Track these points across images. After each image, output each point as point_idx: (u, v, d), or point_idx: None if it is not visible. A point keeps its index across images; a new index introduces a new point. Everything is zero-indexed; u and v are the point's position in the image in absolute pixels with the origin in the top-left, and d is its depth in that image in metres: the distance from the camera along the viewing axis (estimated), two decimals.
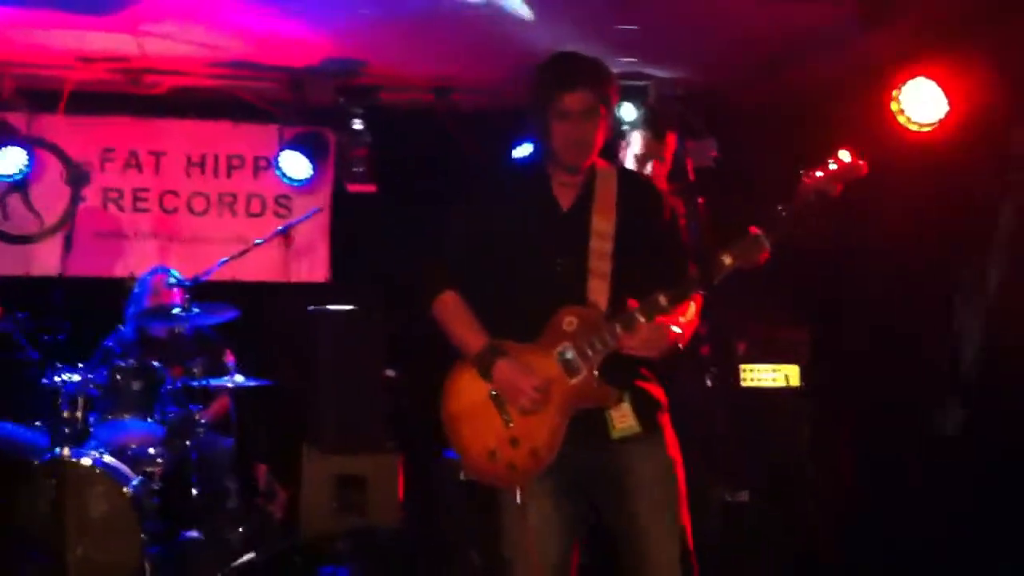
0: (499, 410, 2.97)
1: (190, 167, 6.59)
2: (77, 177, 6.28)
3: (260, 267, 6.38)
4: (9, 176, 6.01)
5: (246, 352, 5.65)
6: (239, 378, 5.30)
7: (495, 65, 5.96)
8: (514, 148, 6.50)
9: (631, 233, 3.04)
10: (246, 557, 5.06)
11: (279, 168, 6.33)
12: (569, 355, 2.93)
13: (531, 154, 3.36)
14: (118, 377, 4.95)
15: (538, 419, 2.92)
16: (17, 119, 6.08)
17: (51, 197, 6.34)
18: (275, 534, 5.59)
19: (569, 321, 2.94)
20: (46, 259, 6.26)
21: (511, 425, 2.94)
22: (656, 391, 3.09)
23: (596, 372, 2.92)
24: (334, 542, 5.37)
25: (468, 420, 3.04)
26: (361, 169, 6.43)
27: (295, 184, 6.42)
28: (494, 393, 2.97)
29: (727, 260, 2.86)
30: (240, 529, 5.26)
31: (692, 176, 5.22)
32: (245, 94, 6.38)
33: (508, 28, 5.28)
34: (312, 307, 5.96)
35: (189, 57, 5.91)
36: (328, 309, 5.94)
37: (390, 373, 5.88)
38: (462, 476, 5.29)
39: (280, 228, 6.01)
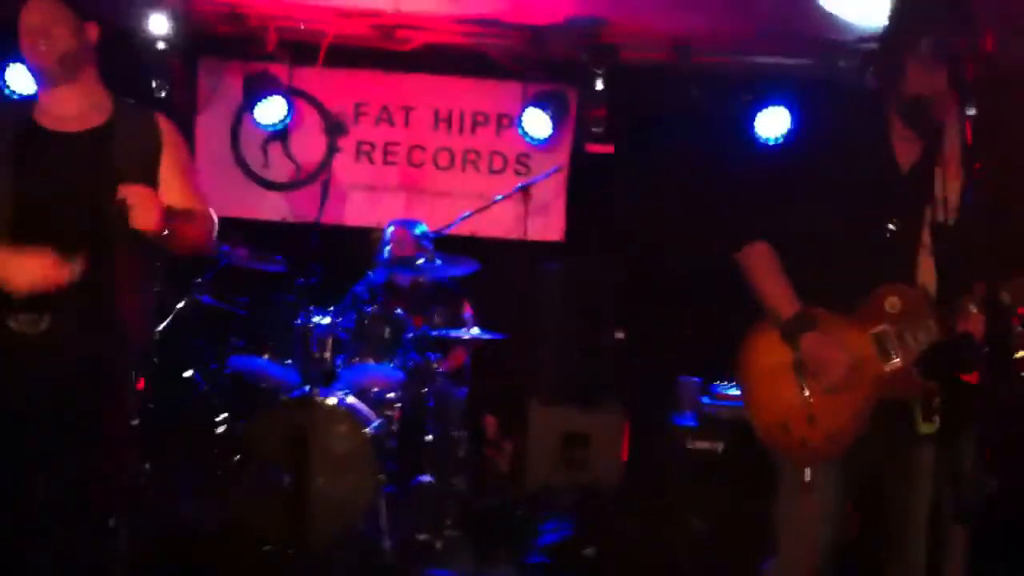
0: (800, 382, 2.79)
1: (437, 122, 6.79)
2: (335, 128, 6.56)
3: (498, 223, 6.52)
4: (271, 125, 6.35)
5: (482, 305, 5.81)
6: (475, 330, 5.45)
7: (737, 25, 5.83)
8: (756, 111, 6.38)
9: (978, 204, 2.73)
10: None
11: (522, 127, 6.43)
12: (887, 338, 2.74)
13: (865, 93, 2.99)
14: (364, 322, 5.17)
15: (841, 400, 2.75)
16: (279, 70, 6.38)
17: (309, 147, 6.68)
18: (500, 484, 5.77)
19: (892, 302, 2.74)
20: (303, 206, 6.62)
21: (811, 401, 2.77)
22: (967, 391, 2.75)
23: (912, 361, 2.72)
24: (557, 496, 5.45)
25: (765, 384, 2.88)
26: (600, 129, 6.42)
27: (536, 143, 6.51)
28: (798, 364, 2.79)
29: None
30: (468, 477, 5.45)
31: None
32: (491, 51, 6.48)
33: None
34: (546, 263, 6.06)
35: (438, 14, 6.07)
36: (561, 266, 6.03)
37: (619, 335, 5.91)
38: (689, 444, 5.32)
39: (519, 185, 6.09)
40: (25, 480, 3.02)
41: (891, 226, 2.76)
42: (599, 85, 6.32)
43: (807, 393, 2.78)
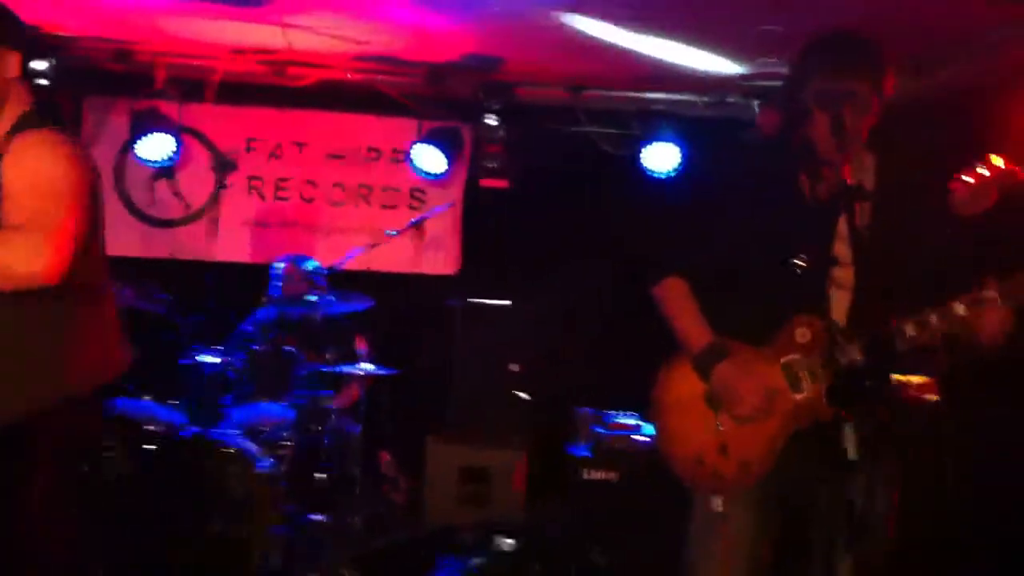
0: (712, 413, 2.81)
1: (329, 158, 6.75)
2: (223, 164, 6.49)
3: (392, 258, 6.48)
4: (157, 161, 6.21)
5: (377, 341, 5.76)
6: (369, 366, 5.39)
7: (631, 66, 5.92)
8: (644, 147, 6.48)
9: (888, 236, 2.80)
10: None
11: (413, 161, 6.42)
12: (797, 368, 2.75)
13: (770, 137, 3.08)
14: (255, 361, 5.09)
15: (753, 430, 2.75)
16: (168, 107, 6.26)
17: (197, 183, 6.58)
18: (398, 522, 5.68)
19: (802, 332, 2.76)
20: (190, 243, 6.50)
21: (722, 431, 2.79)
22: (883, 415, 2.82)
23: (823, 391, 2.73)
24: (456, 533, 5.39)
25: (677, 416, 2.89)
26: (495, 164, 6.46)
27: (430, 177, 6.51)
28: (710, 394, 2.81)
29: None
30: (364, 515, 5.36)
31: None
32: (386, 88, 6.47)
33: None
34: (448, 300, 6.05)
35: (333, 51, 6.04)
36: (459, 302, 6.02)
37: (514, 368, 5.90)
38: (584, 475, 5.32)
39: (413, 220, 6.08)
40: None
41: (799, 261, 2.76)
42: (492, 121, 6.37)
43: (719, 423, 2.80)
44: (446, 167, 6.43)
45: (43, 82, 5.80)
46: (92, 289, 2.93)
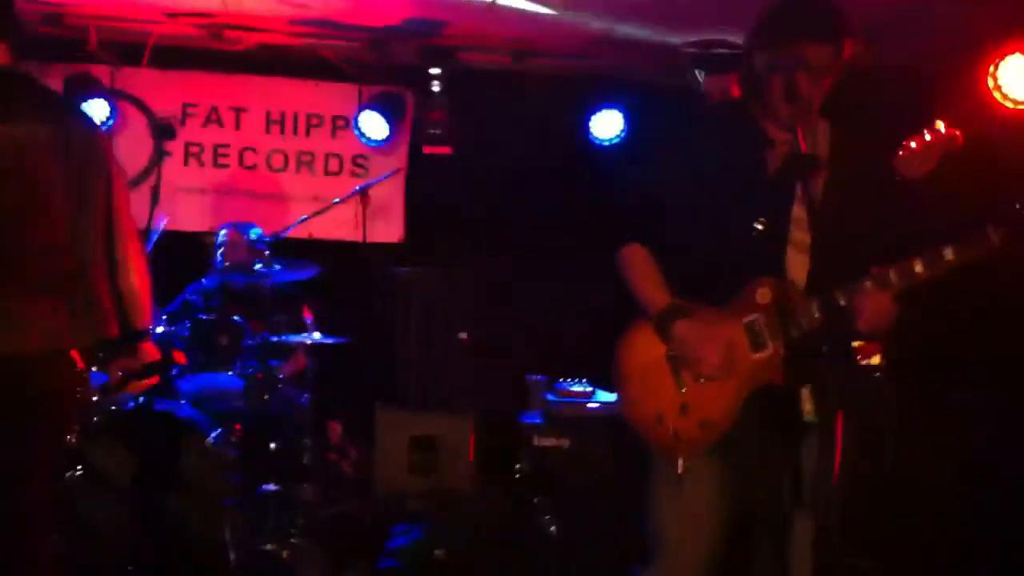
0: (673, 373, 2.84)
1: (270, 124, 6.65)
2: (161, 130, 6.32)
3: (337, 226, 6.40)
4: None
5: (324, 310, 5.69)
6: (316, 335, 5.33)
7: (574, 30, 5.91)
8: (591, 114, 6.49)
9: (842, 197, 2.84)
10: None
11: (358, 128, 6.35)
12: (758, 328, 2.78)
13: (730, 102, 3.15)
14: (201, 330, 5.00)
15: (714, 389, 2.78)
16: (101, 71, 6.12)
17: (134, 150, 6.36)
18: (348, 491, 5.66)
19: (763, 293, 2.79)
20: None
21: (683, 391, 2.82)
22: (836, 378, 2.84)
23: (783, 350, 2.76)
24: (406, 501, 5.38)
25: (639, 378, 2.91)
26: (438, 131, 6.40)
27: (372, 144, 6.44)
28: (671, 355, 2.84)
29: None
30: (314, 485, 5.32)
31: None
32: (326, 53, 6.37)
33: None
34: (393, 267, 6.01)
35: (272, 15, 5.91)
36: (407, 270, 5.99)
37: (463, 336, 5.90)
38: (535, 441, 5.34)
39: (358, 187, 6.00)
40: None
41: (757, 225, 2.81)
42: (437, 87, 6.31)
43: (680, 383, 2.83)
44: (388, 134, 6.36)
45: None
46: None
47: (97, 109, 5.97)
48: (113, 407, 4.65)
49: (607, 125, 6.46)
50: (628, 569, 3.04)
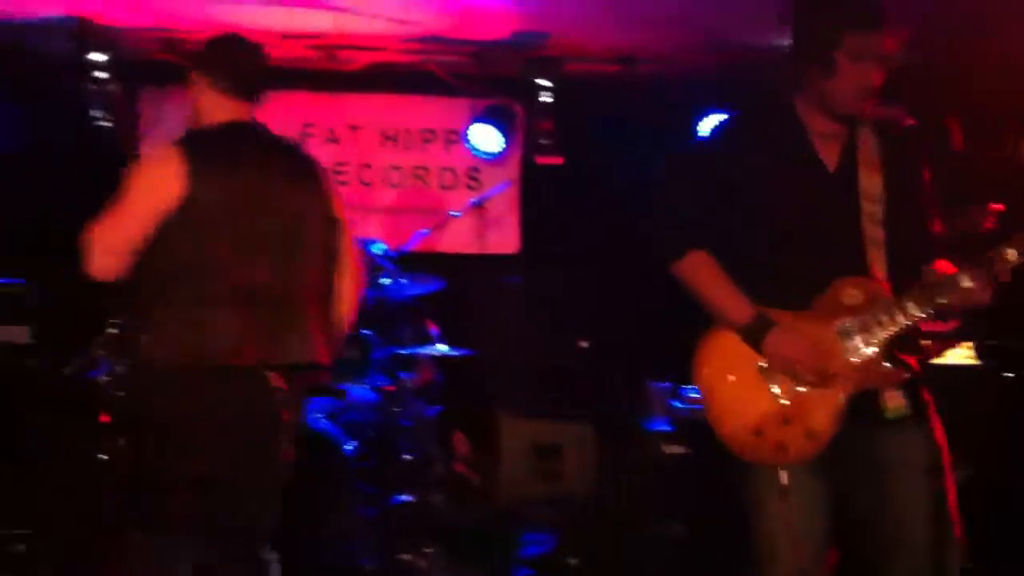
0: (769, 384, 2.77)
1: (385, 141, 6.77)
2: None
3: (454, 238, 6.50)
4: None
5: (444, 322, 5.79)
6: (443, 347, 5.43)
7: (680, 35, 5.92)
8: (698, 119, 6.47)
9: (899, 195, 2.79)
10: None
11: (469, 141, 6.44)
12: (852, 331, 2.72)
13: (770, 99, 2.98)
14: None
15: (816, 397, 2.72)
16: None
17: None
18: (475, 500, 5.74)
19: (851, 294, 2.72)
20: None
21: (783, 402, 2.74)
22: (922, 370, 2.83)
23: (881, 351, 2.71)
24: (533, 509, 5.44)
25: (728, 392, 2.82)
26: (548, 141, 6.46)
27: (486, 157, 6.53)
28: (763, 366, 2.77)
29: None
30: (443, 494, 5.42)
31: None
32: (435, 68, 6.48)
33: None
34: (505, 278, 6.08)
35: (381, 34, 6.05)
36: (523, 280, 6.06)
37: (583, 343, 5.95)
38: (663, 449, 5.36)
39: (475, 200, 6.09)
40: None
41: (829, 226, 2.77)
42: (545, 97, 6.36)
43: (778, 395, 2.76)
44: (501, 145, 6.44)
45: (101, 75, 5.85)
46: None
47: None
48: None
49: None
50: None
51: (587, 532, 5.13)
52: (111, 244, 3.00)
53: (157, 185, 3.00)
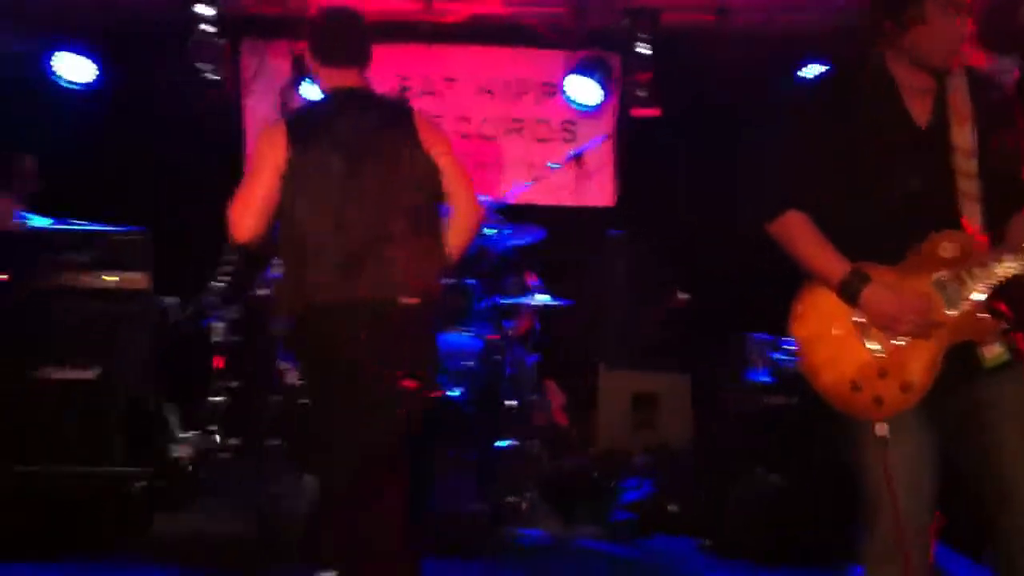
0: (865, 338, 2.77)
1: (480, 93, 6.83)
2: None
3: (551, 191, 6.52)
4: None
5: (543, 273, 5.85)
6: (543, 297, 5.50)
7: None
8: (797, 69, 6.41)
9: (991, 148, 2.77)
10: None
11: (566, 93, 6.47)
12: (948, 284, 2.72)
13: (861, 54, 2.90)
14: None
15: (912, 350, 2.72)
16: None
17: None
18: (573, 448, 5.84)
19: (946, 247, 2.72)
20: None
21: (880, 356, 2.75)
22: (1019, 319, 2.79)
23: (977, 302, 2.70)
24: (630, 458, 5.52)
25: (824, 346, 2.82)
26: (645, 93, 6.45)
27: (582, 109, 6.56)
28: (858, 320, 2.78)
29: None
30: (544, 441, 5.52)
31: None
32: (532, 21, 6.51)
33: None
34: (607, 230, 6.13)
35: None
36: (621, 232, 6.10)
37: (682, 295, 5.98)
38: (764, 400, 5.38)
39: (572, 153, 6.11)
40: None
41: (921, 181, 2.75)
42: (642, 49, 6.35)
43: (875, 348, 2.77)
44: (598, 98, 6.46)
45: (207, 28, 5.98)
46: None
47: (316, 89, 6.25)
48: None
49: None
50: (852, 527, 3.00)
51: (685, 480, 5.17)
52: (247, 205, 3.35)
53: (268, 154, 3.38)
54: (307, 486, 3.62)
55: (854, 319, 2.79)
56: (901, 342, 2.76)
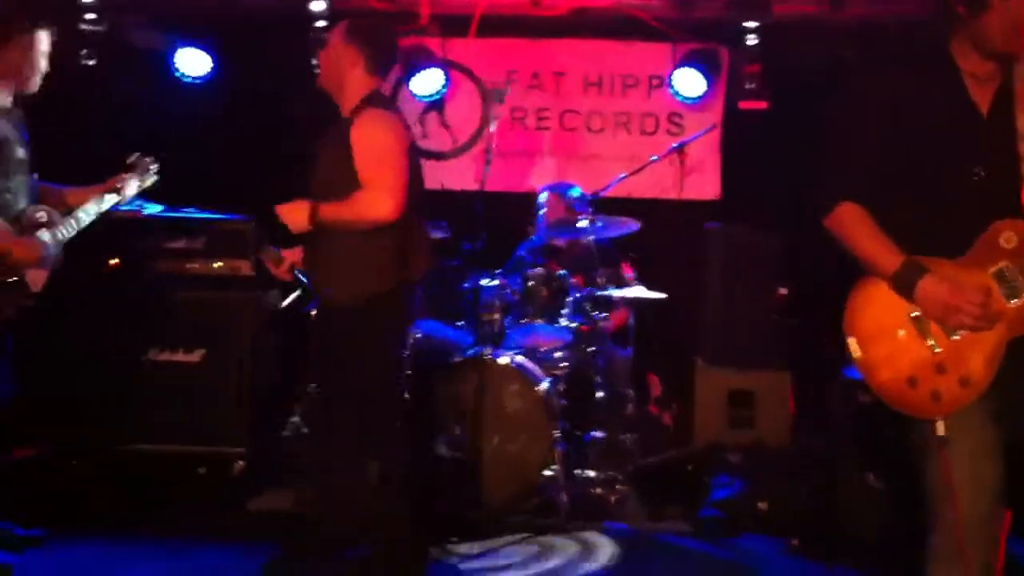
0: (922, 333, 2.73)
1: (587, 87, 6.83)
2: (494, 96, 6.61)
3: (653, 184, 6.51)
4: (429, 96, 6.53)
5: (641, 265, 5.84)
6: (639, 290, 5.49)
7: None
8: None
9: None
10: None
11: (673, 86, 6.43)
12: (1009, 275, 2.67)
13: (926, 43, 2.91)
14: (530, 284, 5.27)
15: (971, 344, 2.67)
16: (433, 43, 6.50)
17: (464, 116, 6.83)
18: (667, 442, 5.81)
19: (1008, 237, 2.67)
20: (459, 174, 6.76)
21: (937, 350, 2.70)
22: None
23: None
24: (725, 454, 5.46)
25: (880, 341, 2.79)
26: (753, 85, 6.35)
27: (688, 102, 6.51)
28: (915, 315, 2.73)
29: None
30: (636, 434, 5.51)
31: None
32: (639, 13, 6.48)
33: None
34: (707, 224, 6.06)
35: None
36: (722, 227, 6.02)
37: (783, 291, 5.87)
38: (862, 399, 5.24)
39: (675, 145, 6.06)
40: None
41: (983, 170, 2.71)
42: (751, 40, 6.25)
43: (932, 342, 2.71)
44: (704, 90, 6.40)
45: (320, 23, 6.16)
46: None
47: (432, 78, 6.41)
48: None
49: None
50: None
51: (778, 478, 5.08)
52: (402, 188, 3.68)
53: (403, 139, 3.77)
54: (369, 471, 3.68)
55: (911, 314, 2.75)
56: (959, 336, 2.70)
